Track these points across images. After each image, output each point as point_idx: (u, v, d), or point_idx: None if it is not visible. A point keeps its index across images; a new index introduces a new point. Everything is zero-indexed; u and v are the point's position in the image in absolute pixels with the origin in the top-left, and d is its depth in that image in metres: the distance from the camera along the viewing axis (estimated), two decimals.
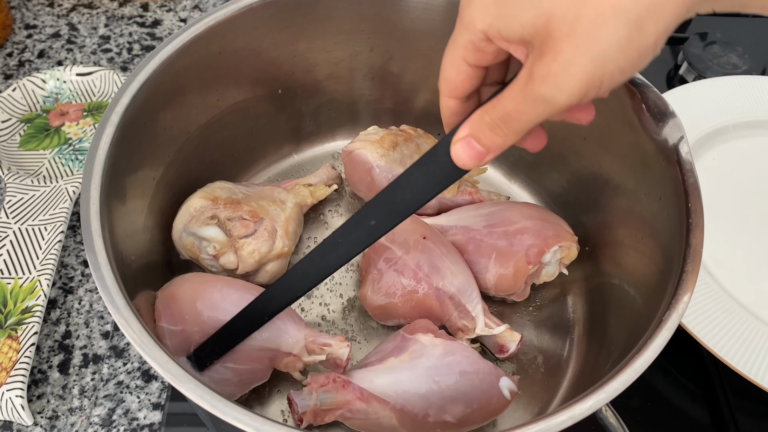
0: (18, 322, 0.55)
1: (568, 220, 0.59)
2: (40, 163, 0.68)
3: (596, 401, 0.37)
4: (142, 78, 0.50)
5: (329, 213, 0.66)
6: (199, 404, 0.35)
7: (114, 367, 0.57)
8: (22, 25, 0.83)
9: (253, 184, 0.61)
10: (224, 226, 0.54)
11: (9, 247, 0.59)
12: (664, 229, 0.48)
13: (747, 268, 0.64)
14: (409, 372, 0.48)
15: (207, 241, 0.55)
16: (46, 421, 0.54)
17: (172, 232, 0.56)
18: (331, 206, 0.66)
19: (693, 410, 0.59)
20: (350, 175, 0.63)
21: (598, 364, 0.53)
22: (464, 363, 0.48)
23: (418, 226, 0.56)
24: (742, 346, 0.57)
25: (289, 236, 0.57)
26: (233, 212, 0.55)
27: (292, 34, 0.59)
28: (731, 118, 0.74)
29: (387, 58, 0.64)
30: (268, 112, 0.64)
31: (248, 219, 0.55)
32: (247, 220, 0.55)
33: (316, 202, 0.63)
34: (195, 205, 0.55)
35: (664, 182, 0.48)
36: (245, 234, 0.55)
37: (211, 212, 0.55)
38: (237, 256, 0.55)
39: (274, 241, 0.56)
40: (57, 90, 0.73)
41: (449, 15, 0.59)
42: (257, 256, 0.55)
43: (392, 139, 0.61)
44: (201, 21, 0.53)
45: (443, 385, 0.47)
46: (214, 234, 0.54)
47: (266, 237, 0.55)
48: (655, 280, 0.47)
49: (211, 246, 0.54)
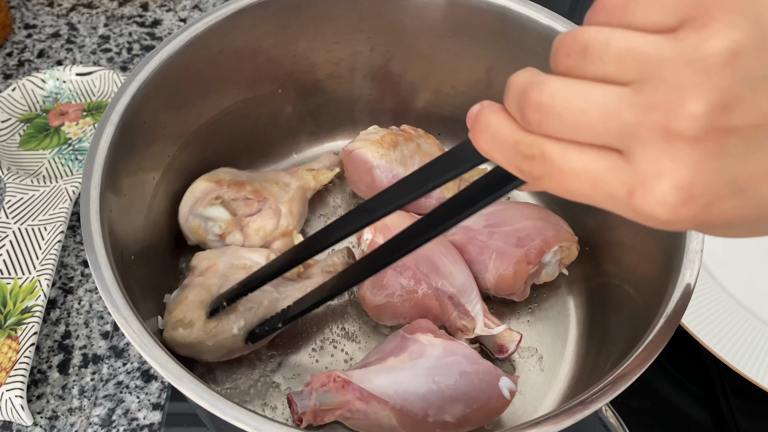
0: (18, 322, 0.55)
1: (568, 221, 0.59)
2: (39, 163, 0.68)
3: (596, 401, 0.37)
4: (141, 78, 0.50)
5: (334, 204, 0.66)
6: (199, 404, 0.35)
7: (114, 367, 0.57)
8: (22, 24, 0.83)
9: (256, 171, 0.62)
10: (228, 206, 0.56)
11: (9, 247, 0.59)
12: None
13: (747, 268, 0.64)
14: (409, 372, 0.48)
15: (213, 221, 0.56)
16: (45, 421, 0.54)
17: (179, 217, 0.57)
18: (336, 193, 0.67)
19: (693, 410, 0.59)
20: (350, 174, 0.63)
21: (598, 364, 0.53)
22: (464, 363, 0.48)
23: None
24: (742, 346, 0.57)
25: (294, 216, 0.58)
26: (237, 192, 0.56)
27: (292, 33, 0.59)
28: None
29: (387, 58, 0.64)
30: (268, 111, 0.64)
31: (252, 198, 0.56)
32: (251, 199, 0.56)
33: (320, 187, 0.63)
34: (199, 188, 0.56)
35: None
36: (250, 212, 0.56)
37: (216, 193, 0.56)
38: (243, 234, 0.56)
39: (278, 220, 0.57)
40: (57, 90, 0.73)
41: (449, 14, 0.59)
42: (262, 233, 0.56)
43: (392, 139, 0.61)
44: (201, 21, 0.53)
45: (443, 385, 0.47)
46: (219, 213, 0.55)
47: (271, 215, 0.56)
48: (655, 281, 0.47)
49: (216, 226, 0.55)
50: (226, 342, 0.50)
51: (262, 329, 0.50)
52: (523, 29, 0.56)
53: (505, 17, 0.56)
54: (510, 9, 0.56)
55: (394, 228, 0.55)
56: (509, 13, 0.56)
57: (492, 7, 0.56)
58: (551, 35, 0.55)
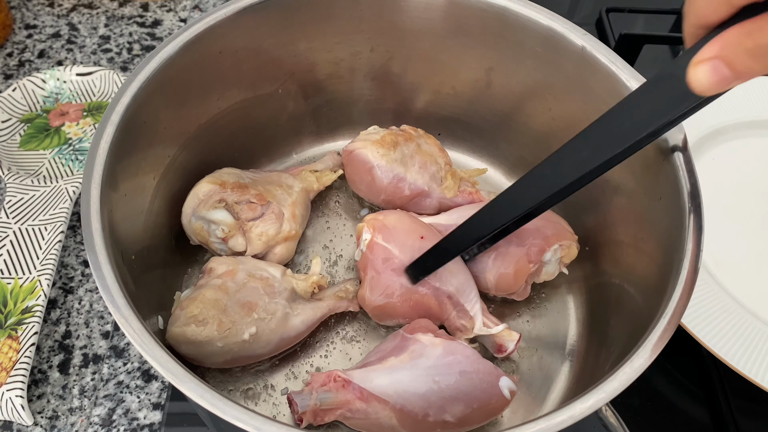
0: (18, 322, 0.55)
1: (568, 220, 0.59)
2: (40, 163, 0.68)
3: (596, 401, 0.37)
4: (142, 78, 0.50)
5: (334, 203, 0.66)
6: (199, 403, 0.35)
7: (114, 367, 0.57)
8: (22, 25, 0.83)
9: (260, 171, 0.62)
10: (232, 209, 0.56)
11: (9, 247, 0.59)
12: (664, 229, 0.48)
13: (747, 268, 0.64)
14: (409, 371, 0.48)
15: (215, 224, 0.56)
16: (46, 421, 0.54)
17: (182, 217, 0.57)
18: (337, 196, 0.66)
19: (693, 410, 0.59)
20: (350, 174, 0.63)
21: (598, 363, 0.53)
22: (464, 363, 0.48)
23: (416, 226, 0.56)
24: (742, 346, 0.57)
25: (296, 220, 0.58)
26: (240, 196, 0.56)
27: (293, 34, 0.59)
28: (731, 118, 0.74)
29: (387, 58, 0.64)
30: (268, 112, 0.64)
31: (255, 202, 0.56)
32: (254, 203, 0.56)
33: (322, 188, 0.63)
34: (203, 190, 0.56)
35: (664, 182, 0.48)
36: (253, 217, 0.56)
37: (219, 196, 0.56)
38: (245, 239, 0.56)
39: (281, 224, 0.57)
40: (57, 90, 0.73)
41: (449, 15, 0.59)
42: (265, 239, 0.56)
43: (393, 139, 0.61)
44: (201, 21, 0.53)
45: (443, 385, 0.47)
46: (222, 217, 0.56)
47: (273, 220, 0.56)
48: (655, 280, 0.47)
49: (219, 229, 0.56)
50: (234, 346, 0.50)
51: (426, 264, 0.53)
52: (523, 30, 0.56)
53: (505, 17, 0.56)
54: (510, 9, 0.56)
55: (392, 228, 0.55)
56: (509, 13, 0.56)
57: (492, 7, 0.56)
58: (551, 36, 0.55)
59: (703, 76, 0.31)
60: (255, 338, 0.50)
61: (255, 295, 0.52)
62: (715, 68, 0.31)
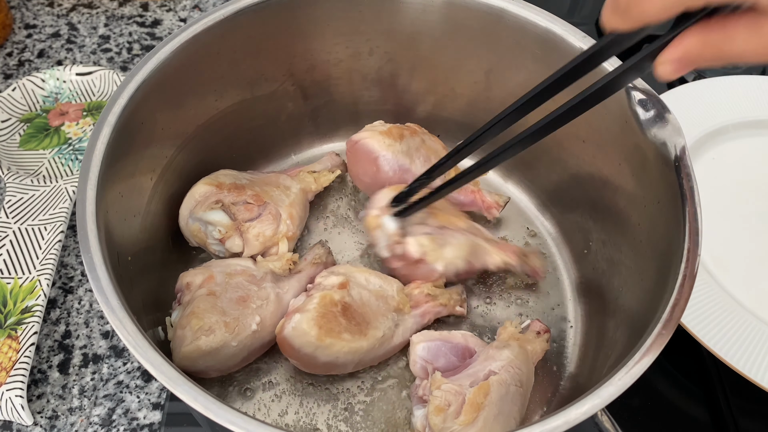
0: (18, 321, 0.55)
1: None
2: (39, 162, 0.68)
3: (591, 406, 0.37)
4: (140, 78, 0.50)
5: (333, 203, 0.66)
6: (192, 406, 0.36)
7: (114, 366, 0.57)
8: (22, 24, 0.83)
9: (257, 172, 0.62)
10: (228, 210, 0.56)
11: (9, 246, 0.59)
12: (662, 231, 0.48)
13: (747, 268, 0.64)
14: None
15: (212, 225, 0.56)
16: (45, 420, 0.55)
17: (179, 219, 0.57)
18: (336, 195, 0.67)
19: (693, 410, 0.59)
20: (353, 166, 0.62)
21: (596, 365, 0.53)
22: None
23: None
24: (742, 346, 0.56)
25: (294, 221, 0.58)
26: (237, 197, 0.56)
27: (292, 35, 0.59)
28: (731, 117, 0.74)
29: (386, 60, 0.63)
30: (266, 113, 0.64)
31: (252, 203, 0.56)
32: (251, 204, 0.56)
33: (321, 189, 0.63)
34: (200, 191, 0.56)
35: (662, 185, 0.48)
36: (249, 218, 0.56)
37: (216, 197, 0.56)
38: (242, 240, 0.56)
39: (278, 225, 0.57)
40: (57, 90, 0.74)
41: (448, 17, 0.58)
42: (262, 239, 0.56)
43: (399, 131, 0.60)
44: (200, 21, 0.53)
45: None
46: (219, 218, 0.56)
47: (270, 220, 0.57)
48: (654, 281, 0.47)
49: (216, 230, 0.56)
50: (247, 340, 0.50)
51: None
52: (521, 31, 0.56)
53: (504, 19, 0.56)
54: (508, 11, 0.56)
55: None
56: (507, 15, 0.56)
57: (490, 9, 0.56)
58: (549, 37, 0.55)
59: (667, 72, 0.36)
60: (262, 325, 0.51)
61: (243, 288, 0.52)
62: (678, 67, 0.35)
